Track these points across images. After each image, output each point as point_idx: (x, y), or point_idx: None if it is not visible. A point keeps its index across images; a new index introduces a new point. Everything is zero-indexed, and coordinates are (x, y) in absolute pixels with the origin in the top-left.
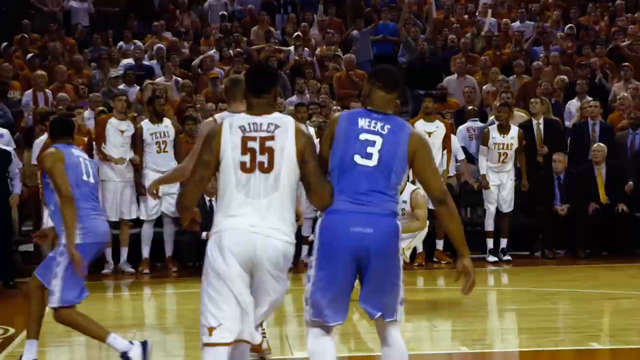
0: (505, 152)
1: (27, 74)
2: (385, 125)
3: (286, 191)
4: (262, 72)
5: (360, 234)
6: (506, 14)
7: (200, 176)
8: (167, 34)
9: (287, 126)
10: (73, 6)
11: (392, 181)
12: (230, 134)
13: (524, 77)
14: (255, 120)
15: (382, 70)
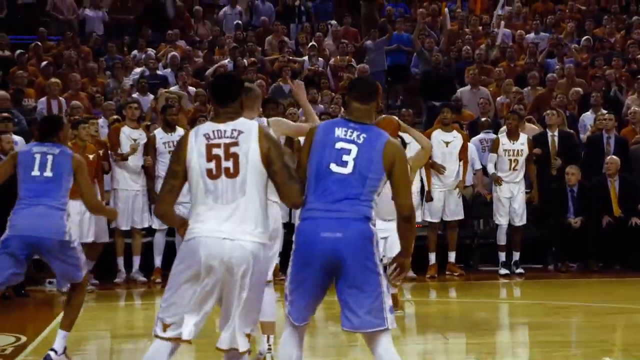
0: (516, 159)
1: (41, 81)
2: (361, 134)
3: (254, 194)
4: (226, 82)
5: (330, 239)
6: (521, 25)
7: (170, 186)
8: (181, 43)
9: (251, 131)
10: (88, 14)
11: (367, 189)
12: (196, 143)
13: (539, 89)
14: (219, 128)
15: (358, 83)
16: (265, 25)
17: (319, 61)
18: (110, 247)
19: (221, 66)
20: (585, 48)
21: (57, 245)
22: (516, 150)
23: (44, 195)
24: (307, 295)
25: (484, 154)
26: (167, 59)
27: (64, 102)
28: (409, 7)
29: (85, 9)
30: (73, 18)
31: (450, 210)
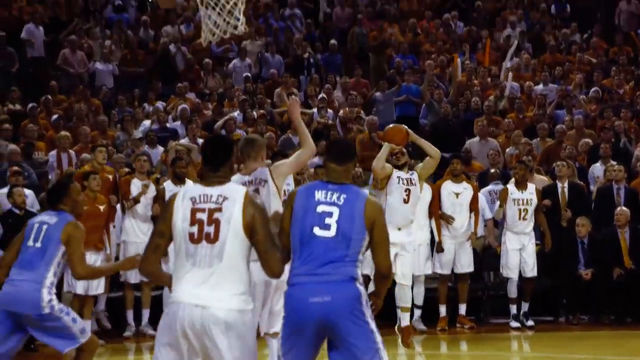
0: (526, 209)
1: (52, 134)
2: (341, 195)
3: (232, 261)
4: (216, 146)
5: (320, 304)
6: (529, 77)
7: (155, 244)
8: (191, 95)
9: (236, 198)
10: (98, 68)
11: (352, 250)
12: (182, 205)
13: (548, 141)
14: (206, 192)
15: (334, 144)
16: (274, 78)
17: (328, 113)
18: (120, 300)
19: (230, 119)
20: (594, 99)
21: (37, 319)
22: (525, 200)
23: (26, 268)
24: (301, 357)
25: (493, 206)
26: (176, 112)
27: (74, 155)
28: (418, 58)
29: (96, 62)
30: (84, 72)
31: (461, 262)
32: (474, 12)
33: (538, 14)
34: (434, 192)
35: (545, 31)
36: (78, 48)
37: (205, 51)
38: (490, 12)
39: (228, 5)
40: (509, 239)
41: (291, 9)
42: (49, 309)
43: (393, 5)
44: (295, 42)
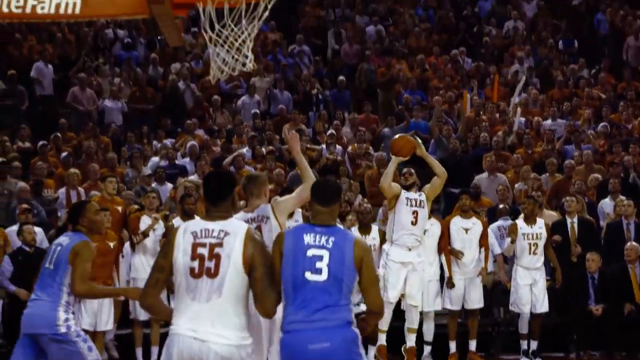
0: (536, 243)
1: (61, 172)
2: (329, 238)
3: (231, 296)
4: (217, 182)
5: (319, 351)
6: (538, 112)
7: (155, 279)
8: (199, 132)
9: (237, 233)
10: (107, 105)
11: (344, 292)
12: (183, 240)
13: (557, 176)
14: (207, 227)
15: (320, 186)
16: (282, 114)
17: (337, 149)
18: (129, 337)
19: (239, 155)
20: (603, 134)
21: (53, 339)
22: (535, 234)
23: (43, 289)
24: None
25: (502, 241)
26: (185, 149)
27: (83, 192)
28: (426, 94)
29: (105, 99)
30: (93, 109)
31: (471, 298)
32: (481, 48)
33: (546, 49)
34: (443, 227)
35: (553, 67)
36: (87, 86)
37: (213, 88)
38: (498, 48)
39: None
40: (519, 275)
41: (299, 45)
42: (65, 328)
43: (401, 41)
44: (303, 78)
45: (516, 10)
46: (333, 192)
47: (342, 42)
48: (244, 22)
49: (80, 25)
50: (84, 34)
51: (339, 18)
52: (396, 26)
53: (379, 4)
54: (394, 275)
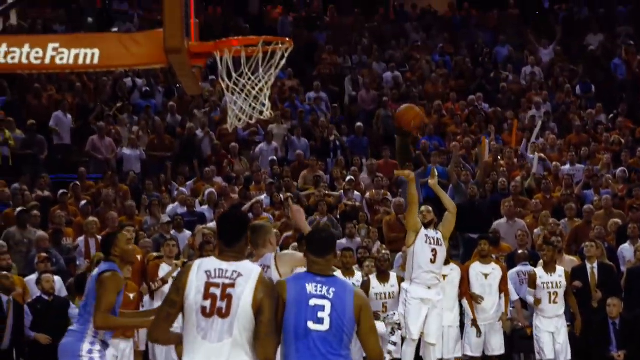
0: (556, 292)
1: (80, 220)
2: (330, 288)
3: (242, 337)
4: (232, 223)
5: None
6: (556, 157)
7: (166, 314)
8: (218, 179)
9: (250, 275)
10: (125, 153)
11: (345, 342)
12: (197, 278)
13: (576, 221)
14: (221, 267)
15: (313, 236)
16: (300, 160)
17: (355, 195)
18: None
19: (257, 202)
20: (621, 179)
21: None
22: (554, 283)
23: (76, 320)
24: None
25: (522, 287)
26: (203, 196)
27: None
28: (444, 140)
29: (123, 147)
30: (112, 157)
31: (491, 344)
32: (499, 94)
33: (563, 94)
34: (463, 272)
35: (571, 111)
36: (106, 134)
37: (231, 135)
38: (515, 93)
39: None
40: (541, 323)
41: (316, 92)
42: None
43: (418, 87)
44: (320, 125)
45: (533, 56)
46: (328, 243)
47: (359, 89)
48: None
49: (99, 74)
50: (103, 83)
51: (356, 65)
52: (413, 72)
53: (396, 51)
54: (414, 312)
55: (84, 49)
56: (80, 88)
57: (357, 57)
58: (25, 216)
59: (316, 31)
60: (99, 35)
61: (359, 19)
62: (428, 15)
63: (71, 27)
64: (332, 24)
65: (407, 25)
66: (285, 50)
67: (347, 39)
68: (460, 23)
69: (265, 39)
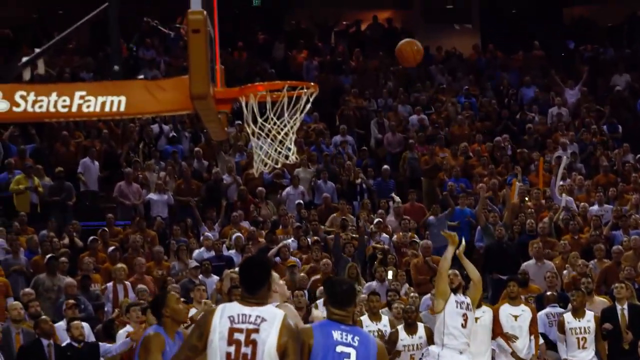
0: (584, 337)
1: (108, 266)
2: (354, 336)
3: None
4: (254, 271)
5: None
6: (584, 197)
7: (185, 357)
8: (245, 224)
9: (274, 320)
10: (152, 198)
11: None
12: (220, 323)
13: (605, 262)
14: (244, 312)
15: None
16: (327, 203)
17: (382, 237)
18: None
19: (284, 246)
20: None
21: None
22: (583, 328)
23: None
24: None
25: (551, 329)
26: (231, 240)
27: (130, 287)
28: (470, 182)
29: (150, 192)
30: (139, 203)
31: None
32: (525, 135)
33: (590, 135)
34: (494, 312)
35: (598, 152)
36: (133, 180)
37: (258, 179)
38: (542, 134)
39: (279, 136)
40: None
41: (342, 135)
42: None
43: (444, 129)
44: (347, 168)
45: (559, 97)
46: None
47: (385, 131)
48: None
49: (126, 121)
50: (130, 130)
51: (382, 107)
52: (439, 114)
53: (421, 93)
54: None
55: (110, 97)
56: (107, 135)
57: (383, 100)
58: (55, 263)
59: (341, 75)
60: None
61: (384, 61)
62: (453, 57)
63: (99, 74)
64: (357, 67)
65: (432, 68)
66: (310, 94)
67: (372, 82)
68: (485, 65)
69: (290, 83)
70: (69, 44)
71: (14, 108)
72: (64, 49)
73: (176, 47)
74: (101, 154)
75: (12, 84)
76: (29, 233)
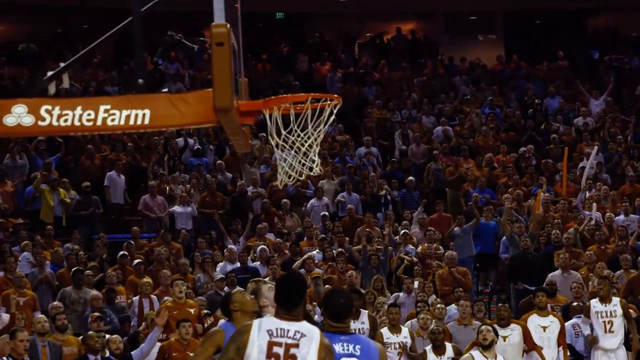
0: (611, 321)
1: (133, 279)
2: (355, 345)
3: None
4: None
5: None
6: (610, 207)
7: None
8: (270, 236)
9: (313, 337)
10: (177, 210)
11: None
12: (258, 337)
13: (632, 272)
14: (283, 326)
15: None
16: (351, 215)
17: (408, 249)
18: None
19: (309, 258)
20: None
21: None
22: (609, 312)
23: None
24: None
25: (577, 340)
26: (255, 252)
27: (156, 300)
28: (495, 192)
29: (175, 205)
30: (164, 215)
31: None
32: (550, 145)
33: (615, 145)
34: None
35: (623, 162)
36: (158, 192)
37: (282, 191)
38: (567, 145)
39: (303, 148)
40: (598, 357)
41: (367, 147)
42: None
43: (468, 140)
44: (371, 179)
45: (584, 107)
46: (345, 310)
47: (409, 143)
48: (310, 127)
49: (150, 134)
50: (155, 143)
51: (406, 119)
52: (463, 125)
53: (445, 104)
54: None
55: (134, 110)
56: (132, 148)
57: (407, 111)
58: (80, 276)
59: (365, 86)
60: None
61: (407, 73)
62: (477, 68)
63: (124, 87)
64: (381, 78)
65: (456, 79)
66: (334, 106)
67: (396, 93)
68: (509, 75)
69: (314, 95)
70: (94, 58)
71: (40, 122)
72: (89, 63)
73: (200, 60)
74: (127, 167)
75: (37, 98)
76: (54, 246)
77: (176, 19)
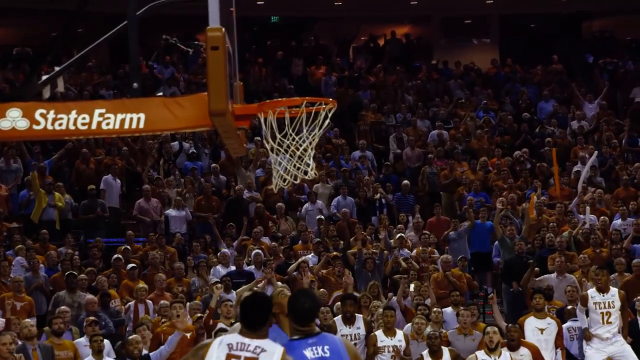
0: (609, 312)
1: (127, 283)
2: (324, 346)
3: None
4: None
5: None
6: (604, 211)
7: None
8: (265, 239)
9: (274, 352)
10: (171, 214)
11: None
12: (218, 349)
13: (626, 275)
14: (244, 341)
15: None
16: (346, 218)
17: (404, 252)
18: None
19: (304, 262)
20: None
21: None
22: (607, 302)
23: None
24: None
25: (572, 343)
26: (249, 256)
27: (151, 304)
28: (490, 196)
29: (169, 209)
30: (160, 218)
31: None
32: (544, 148)
33: (609, 148)
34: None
35: (618, 166)
36: (152, 196)
37: (277, 195)
38: (561, 148)
39: (298, 152)
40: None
41: (362, 150)
42: None
43: (463, 143)
44: (365, 183)
45: (578, 110)
46: (310, 314)
47: (403, 146)
48: (305, 131)
49: (145, 138)
50: (150, 147)
51: (400, 122)
52: (457, 129)
53: (440, 108)
54: None
55: (129, 114)
56: (127, 152)
57: (402, 115)
58: (74, 280)
59: (360, 90)
60: (144, 100)
61: (402, 76)
62: (471, 72)
63: (119, 91)
64: (375, 82)
65: (451, 83)
66: (328, 110)
67: (391, 97)
68: (503, 79)
69: (309, 99)
70: (88, 62)
71: (34, 126)
72: (84, 66)
73: (195, 64)
74: (122, 171)
75: (32, 102)
76: (49, 250)
77: (171, 22)
